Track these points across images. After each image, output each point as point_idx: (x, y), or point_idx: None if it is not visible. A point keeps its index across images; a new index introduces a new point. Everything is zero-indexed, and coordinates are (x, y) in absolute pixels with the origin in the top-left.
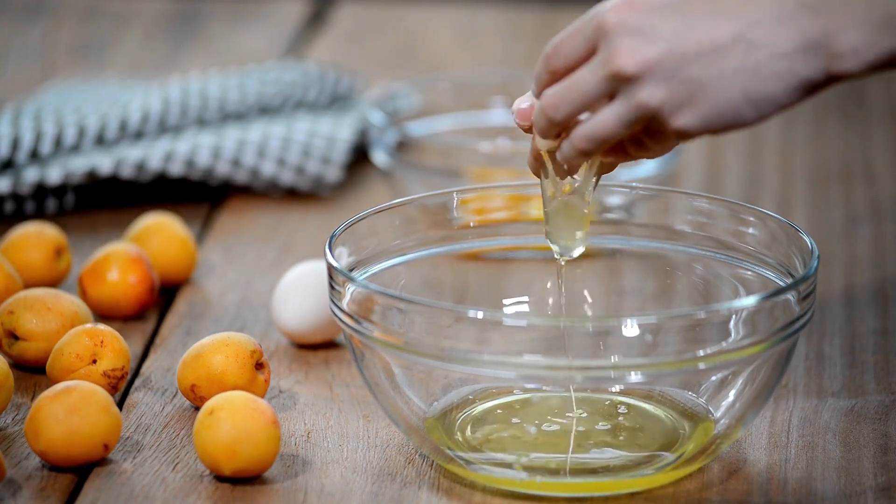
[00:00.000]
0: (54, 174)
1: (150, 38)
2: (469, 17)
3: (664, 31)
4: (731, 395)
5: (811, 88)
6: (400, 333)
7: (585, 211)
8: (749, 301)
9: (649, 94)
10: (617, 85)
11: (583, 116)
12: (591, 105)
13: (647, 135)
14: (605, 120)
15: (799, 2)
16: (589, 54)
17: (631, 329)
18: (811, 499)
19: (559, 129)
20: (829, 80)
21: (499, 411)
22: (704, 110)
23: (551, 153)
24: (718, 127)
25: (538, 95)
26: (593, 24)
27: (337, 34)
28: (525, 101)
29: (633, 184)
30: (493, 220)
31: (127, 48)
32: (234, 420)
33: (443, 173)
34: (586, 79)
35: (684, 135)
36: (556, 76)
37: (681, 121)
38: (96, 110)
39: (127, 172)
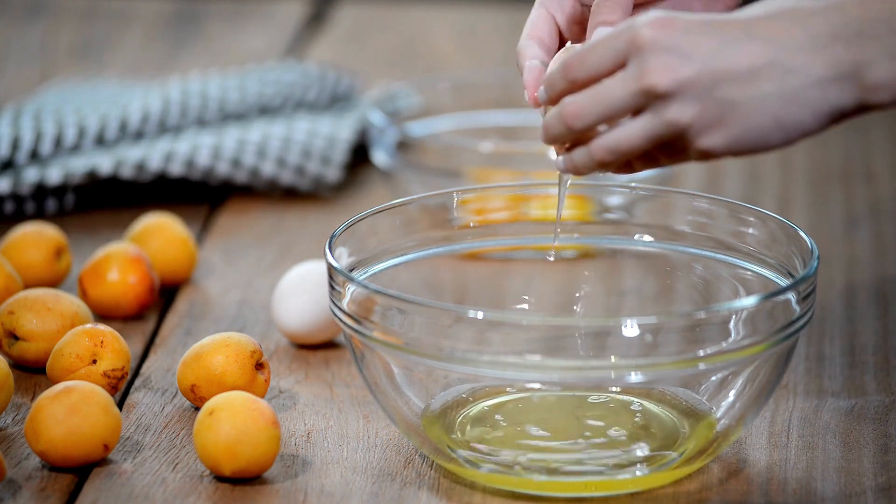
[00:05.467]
0: (54, 174)
1: (150, 39)
2: (469, 17)
3: (700, 51)
4: (731, 395)
5: (841, 116)
6: (400, 333)
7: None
8: (749, 301)
9: (680, 112)
10: (647, 101)
11: (601, 127)
12: (616, 118)
13: (663, 151)
14: (630, 134)
15: (832, 33)
16: (616, 68)
17: (631, 329)
18: (811, 499)
19: (575, 137)
20: (860, 109)
21: (497, 410)
22: (733, 132)
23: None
24: (743, 149)
25: (552, 101)
26: (625, 37)
27: (337, 34)
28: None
29: (633, 184)
30: (493, 220)
31: (127, 48)
32: (234, 420)
33: (443, 173)
34: (615, 92)
35: (707, 155)
36: (575, 85)
37: (708, 141)
38: (96, 110)
39: (127, 172)
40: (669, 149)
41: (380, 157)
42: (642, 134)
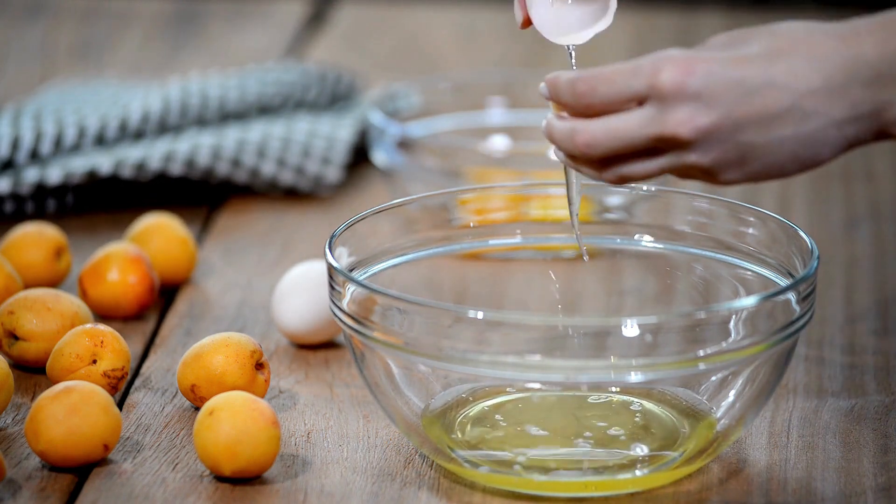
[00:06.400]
0: (54, 174)
1: (150, 39)
2: (469, 17)
3: (721, 98)
4: (731, 395)
5: (857, 146)
6: (400, 333)
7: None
8: (749, 301)
9: (701, 157)
10: (667, 146)
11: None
12: (630, 153)
13: (678, 174)
14: (647, 169)
15: (849, 74)
16: (631, 103)
17: (631, 329)
18: (811, 499)
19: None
20: (876, 139)
21: (497, 410)
22: (752, 169)
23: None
24: (759, 180)
25: (557, 106)
26: (645, 79)
27: (337, 34)
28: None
29: (633, 184)
30: (493, 220)
31: (127, 48)
32: (234, 420)
33: (443, 173)
34: (633, 132)
35: (724, 185)
36: (585, 109)
37: (726, 177)
38: (96, 110)
39: (127, 172)
40: (682, 174)
41: (380, 157)
42: (658, 170)
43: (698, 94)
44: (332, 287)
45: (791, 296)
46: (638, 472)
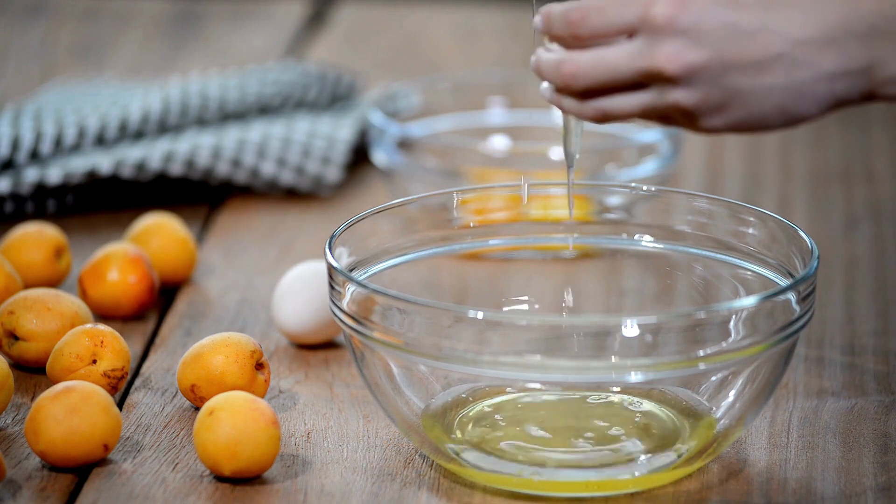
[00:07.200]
0: (54, 174)
1: (150, 39)
2: (469, 17)
3: (712, 38)
4: (731, 395)
5: (844, 105)
6: (400, 333)
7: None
8: (749, 301)
9: (685, 96)
10: (652, 80)
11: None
12: (615, 86)
13: (657, 116)
14: (629, 104)
15: (846, 27)
16: (622, 34)
17: (631, 329)
18: (811, 499)
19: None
20: (865, 100)
21: (497, 410)
22: (736, 116)
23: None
24: (742, 131)
25: (547, 36)
26: (638, 10)
27: (337, 34)
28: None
29: (633, 184)
30: (493, 220)
31: (127, 48)
32: (234, 420)
33: (443, 173)
34: (619, 64)
35: (705, 132)
36: (575, 39)
37: (709, 122)
38: (96, 110)
39: (127, 172)
40: (665, 118)
41: (380, 157)
42: (640, 106)
43: (689, 30)
44: (332, 287)
45: (791, 296)
46: (638, 472)
